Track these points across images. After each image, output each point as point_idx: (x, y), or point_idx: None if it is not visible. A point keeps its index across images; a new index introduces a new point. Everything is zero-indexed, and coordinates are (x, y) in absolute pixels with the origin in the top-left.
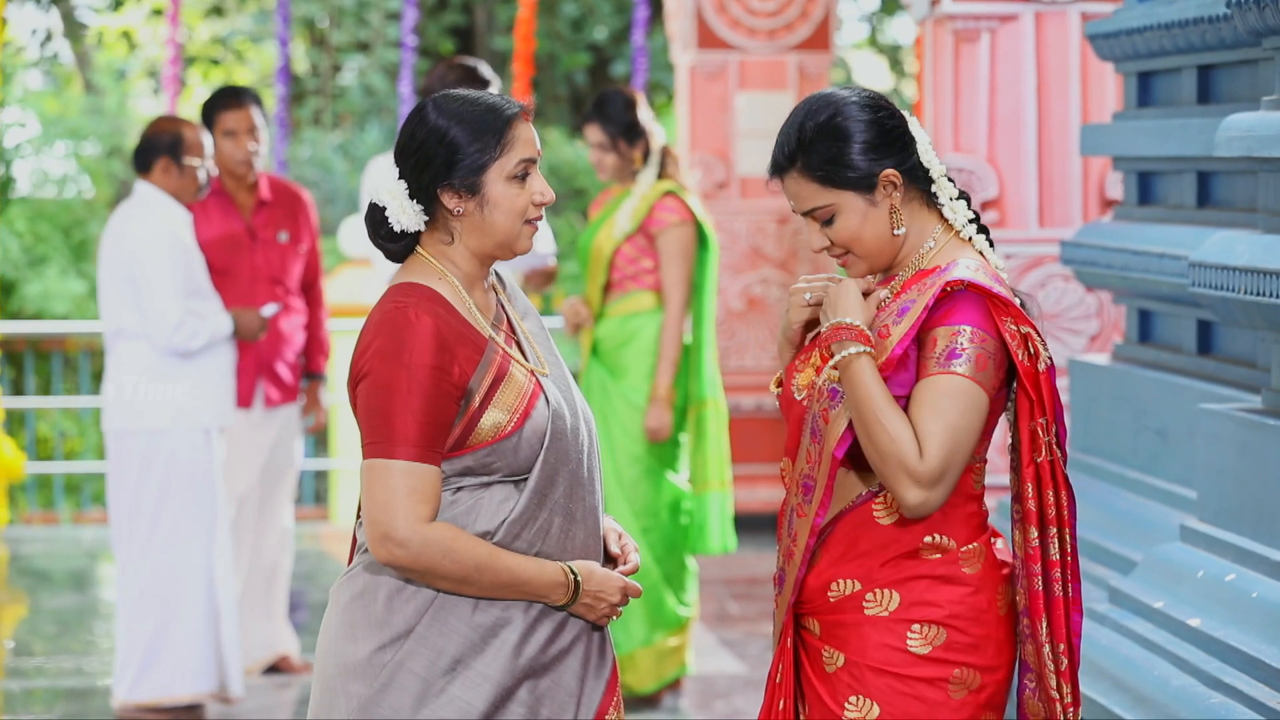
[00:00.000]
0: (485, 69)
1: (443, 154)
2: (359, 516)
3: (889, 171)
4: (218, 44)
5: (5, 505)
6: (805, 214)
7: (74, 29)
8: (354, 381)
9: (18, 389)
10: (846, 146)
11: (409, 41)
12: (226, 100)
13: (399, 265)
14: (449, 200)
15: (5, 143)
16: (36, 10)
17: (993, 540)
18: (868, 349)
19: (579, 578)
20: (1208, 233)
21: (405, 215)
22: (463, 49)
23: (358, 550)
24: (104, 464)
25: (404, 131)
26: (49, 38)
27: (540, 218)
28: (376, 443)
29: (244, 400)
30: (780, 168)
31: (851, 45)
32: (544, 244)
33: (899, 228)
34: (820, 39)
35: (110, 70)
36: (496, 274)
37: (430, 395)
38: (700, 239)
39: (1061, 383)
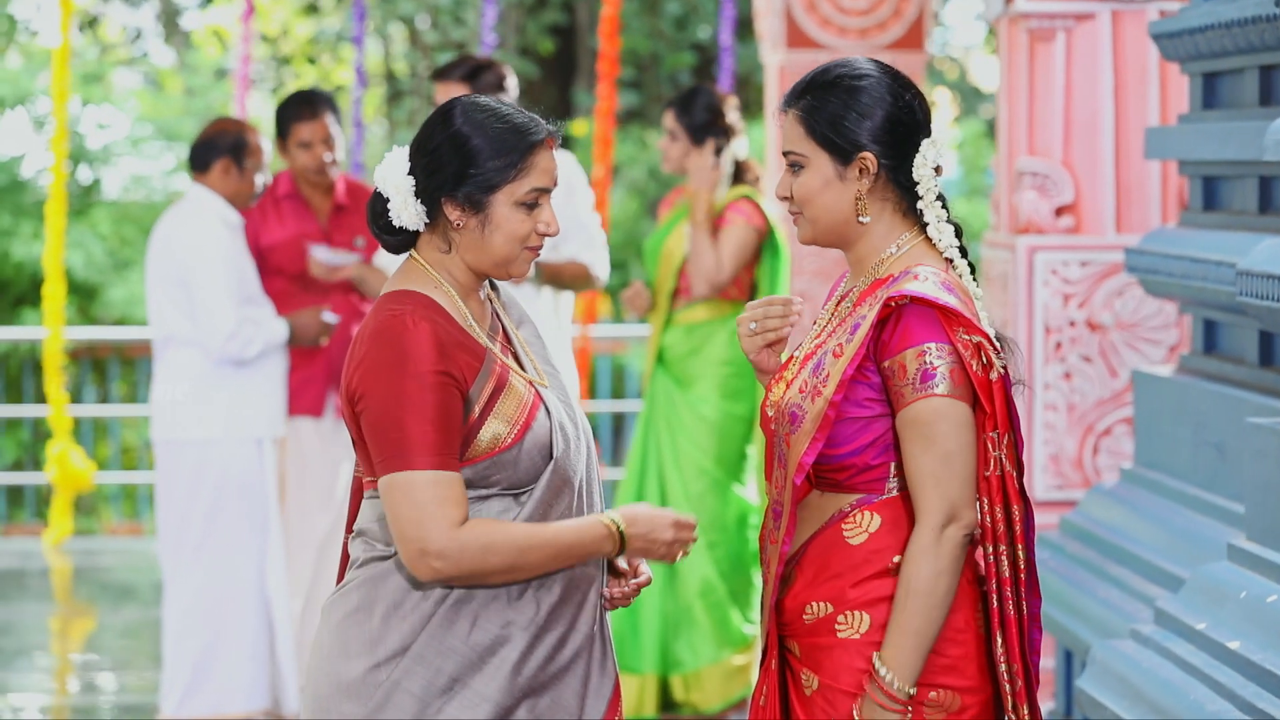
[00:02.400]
0: (512, 79)
1: (456, 163)
2: (349, 530)
3: (866, 154)
4: (312, 43)
5: (69, 516)
6: (784, 154)
7: (171, 27)
8: (353, 396)
9: (103, 397)
10: (848, 113)
11: (489, 40)
12: (300, 110)
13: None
14: (451, 211)
15: (90, 144)
16: (127, 8)
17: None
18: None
19: (622, 525)
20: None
21: (406, 212)
22: (563, 48)
23: (350, 565)
24: None
25: (425, 129)
26: (139, 36)
27: (541, 246)
28: (392, 457)
29: (315, 409)
30: (788, 101)
31: (967, 47)
32: (601, 268)
33: (863, 215)
34: (914, 38)
35: (208, 70)
36: (490, 282)
37: (442, 400)
38: (772, 246)
39: (1125, 396)
